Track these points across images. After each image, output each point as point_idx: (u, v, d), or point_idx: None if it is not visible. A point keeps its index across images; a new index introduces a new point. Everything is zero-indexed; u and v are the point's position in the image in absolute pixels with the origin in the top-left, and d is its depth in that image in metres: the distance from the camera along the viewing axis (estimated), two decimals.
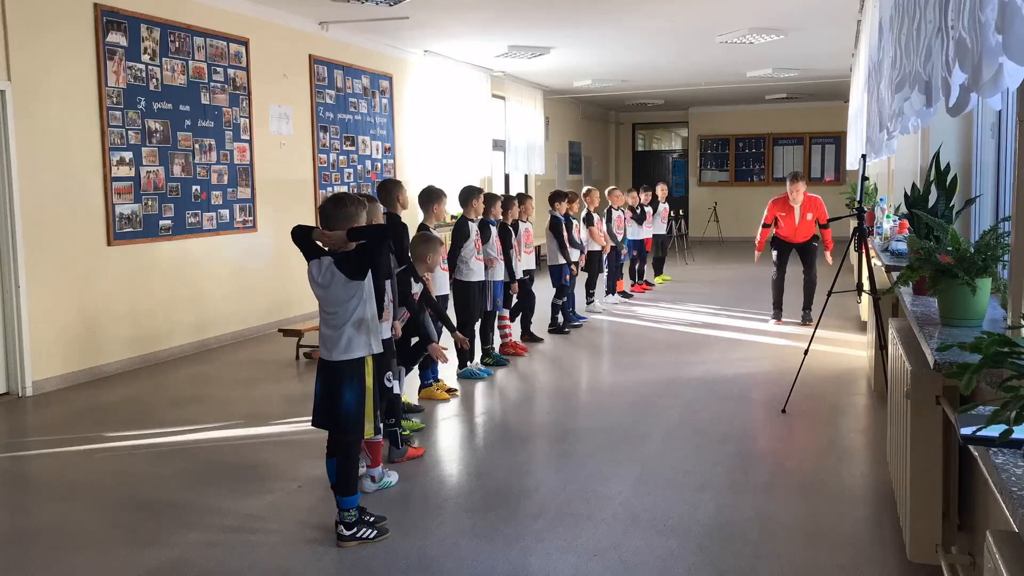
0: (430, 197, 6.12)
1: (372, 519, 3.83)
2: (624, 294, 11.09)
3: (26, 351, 6.41)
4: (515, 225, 7.64)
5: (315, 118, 9.70)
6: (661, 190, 12.52)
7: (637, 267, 11.79)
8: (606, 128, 21.93)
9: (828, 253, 9.24)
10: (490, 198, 7.10)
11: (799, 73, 14.45)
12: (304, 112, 9.56)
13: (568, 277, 8.63)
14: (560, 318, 8.73)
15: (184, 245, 7.91)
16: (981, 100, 2.23)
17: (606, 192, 10.55)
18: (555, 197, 8.72)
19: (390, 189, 5.71)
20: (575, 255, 8.79)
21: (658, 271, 12.86)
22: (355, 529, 3.72)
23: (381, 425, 4.16)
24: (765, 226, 9.07)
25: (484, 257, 6.91)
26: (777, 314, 9.07)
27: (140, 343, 7.41)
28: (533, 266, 8.16)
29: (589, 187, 9.97)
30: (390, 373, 4.40)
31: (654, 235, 12.12)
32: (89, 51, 6.89)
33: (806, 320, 8.84)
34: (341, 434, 3.75)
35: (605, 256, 10.03)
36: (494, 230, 7.10)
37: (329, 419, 3.78)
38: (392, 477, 4.41)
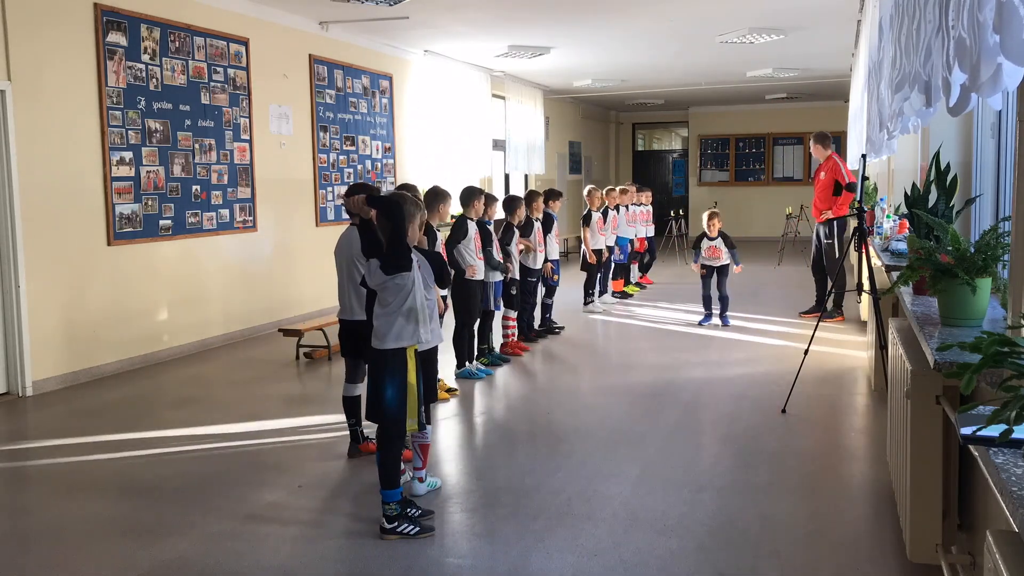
0: (436, 197, 6.14)
1: (418, 513, 3.88)
2: (623, 294, 11.08)
3: (26, 351, 6.41)
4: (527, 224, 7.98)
5: (315, 118, 9.71)
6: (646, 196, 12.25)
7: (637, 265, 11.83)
8: (606, 128, 21.93)
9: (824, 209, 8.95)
10: (489, 199, 7.13)
11: (799, 73, 14.45)
12: (304, 112, 9.56)
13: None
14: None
15: (184, 245, 7.91)
16: (981, 100, 2.23)
17: (604, 192, 10.47)
18: (549, 196, 8.69)
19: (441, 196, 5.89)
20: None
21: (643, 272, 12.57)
22: (396, 523, 3.75)
23: (428, 425, 4.19)
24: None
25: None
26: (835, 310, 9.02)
27: (140, 343, 7.41)
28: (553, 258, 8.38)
29: (591, 187, 9.99)
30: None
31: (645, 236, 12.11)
32: (89, 51, 6.89)
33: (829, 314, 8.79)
34: (382, 427, 3.82)
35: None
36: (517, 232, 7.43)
37: (374, 412, 3.84)
38: (438, 480, 4.40)
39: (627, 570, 3.42)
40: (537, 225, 8.10)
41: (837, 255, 8.82)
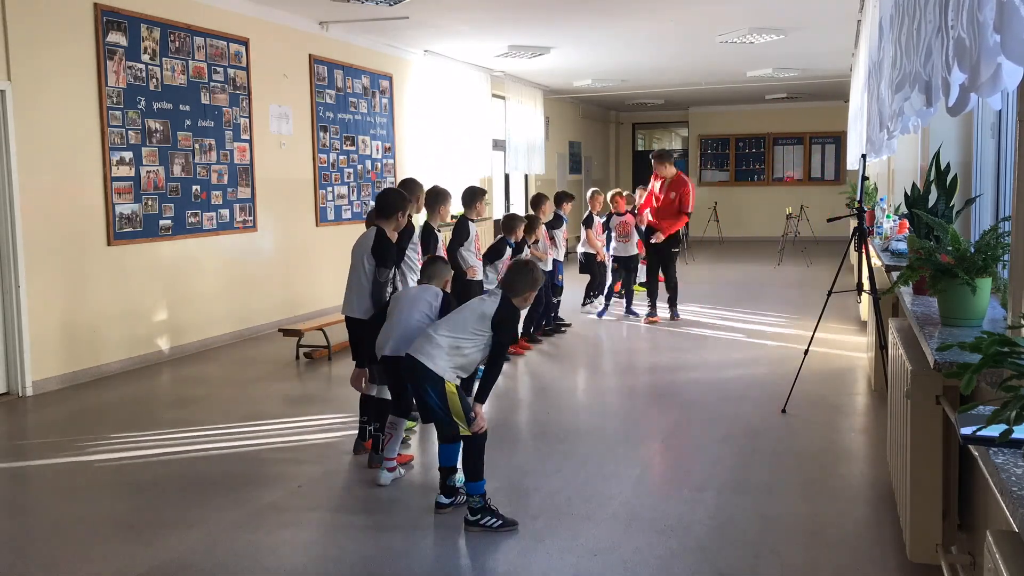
0: (436, 198, 6.14)
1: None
2: (621, 294, 11.05)
3: (26, 351, 6.41)
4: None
5: (315, 118, 9.71)
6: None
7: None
8: (606, 128, 21.94)
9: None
10: (514, 220, 7.24)
11: (799, 73, 14.45)
12: (304, 112, 9.56)
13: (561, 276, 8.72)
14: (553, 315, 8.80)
15: (184, 245, 7.91)
16: (981, 100, 2.23)
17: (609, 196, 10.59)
18: (560, 198, 9.09)
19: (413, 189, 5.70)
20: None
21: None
22: (479, 516, 3.80)
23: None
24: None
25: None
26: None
27: (140, 343, 7.42)
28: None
29: (594, 190, 10.00)
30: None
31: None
32: (89, 51, 6.89)
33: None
34: (440, 430, 3.93)
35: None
36: (509, 250, 7.32)
37: (425, 415, 3.99)
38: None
39: (627, 570, 3.42)
40: (543, 230, 8.12)
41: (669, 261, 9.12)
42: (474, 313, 3.91)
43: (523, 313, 5.70)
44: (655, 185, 9.19)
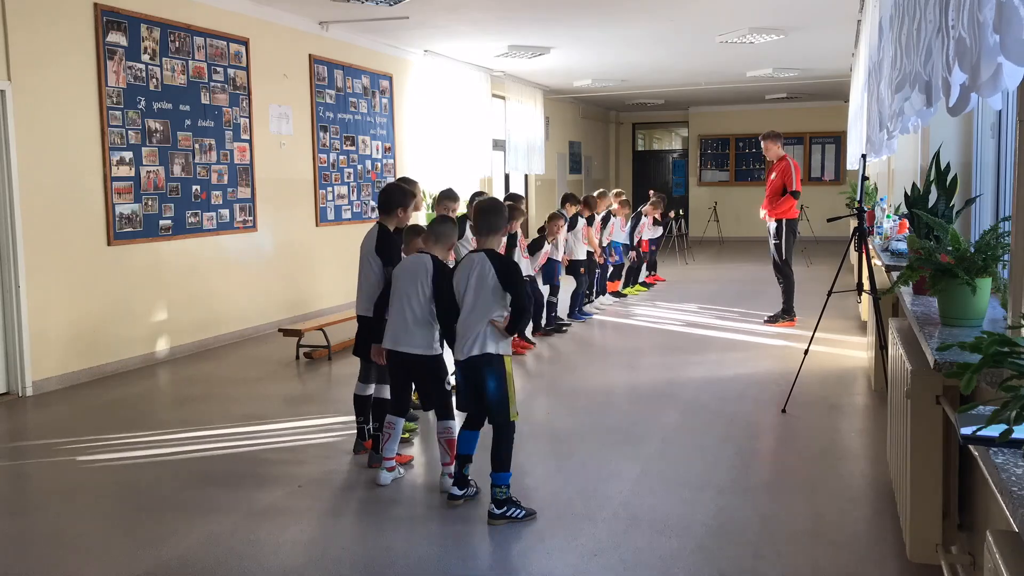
0: (446, 198, 6.31)
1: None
2: (617, 294, 11.08)
3: (26, 351, 6.41)
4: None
5: (315, 118, 9.71)
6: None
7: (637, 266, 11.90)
8: (606, 128, 21.93)
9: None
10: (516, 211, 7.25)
11: (799, 73, 14.45)
12: (304, 112, 9.56)
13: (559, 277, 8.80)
14: (555, 314, 8.86)
15: (184, 245, 7.91)
16: (981, 100, 2.23)
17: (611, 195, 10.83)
18: (565, 199, 9.35)
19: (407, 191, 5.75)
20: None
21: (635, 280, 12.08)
22: (505, 508, 3.85)
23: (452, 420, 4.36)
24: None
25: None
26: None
27: (140, 343, 7.42)
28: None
29: (601, 191, 10.28)
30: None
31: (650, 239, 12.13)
32: (89, 51, 6.89)
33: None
34: (491, 419, 3.97)
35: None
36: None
37: (477, 404, 4.06)
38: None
39: (627, 570, 3.42)
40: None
41: (784, 257, 8.77)
42: (487, 289, 3.91)
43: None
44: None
